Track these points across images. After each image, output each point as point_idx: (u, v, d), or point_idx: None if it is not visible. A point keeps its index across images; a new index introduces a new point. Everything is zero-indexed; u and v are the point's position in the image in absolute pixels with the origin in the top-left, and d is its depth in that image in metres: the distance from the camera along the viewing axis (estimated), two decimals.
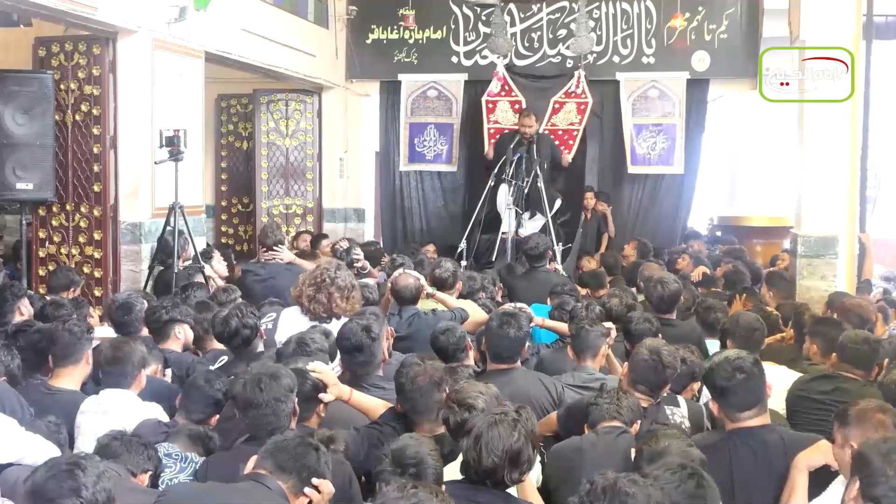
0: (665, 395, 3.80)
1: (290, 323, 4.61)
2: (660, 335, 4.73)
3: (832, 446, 2.94)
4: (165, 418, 3.63)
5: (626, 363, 3.89)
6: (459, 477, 2.75)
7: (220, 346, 4.46)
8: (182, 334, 4.63)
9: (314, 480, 2.58)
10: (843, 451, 2.82)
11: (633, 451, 3.02)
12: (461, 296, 5.65)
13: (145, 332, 4.71)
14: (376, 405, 3.47)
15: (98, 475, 2.25)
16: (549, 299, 5.86)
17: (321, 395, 3.27)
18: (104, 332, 4.69)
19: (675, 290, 5.33)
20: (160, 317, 4.60)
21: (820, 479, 2.94)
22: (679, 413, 3.64)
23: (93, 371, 3.93)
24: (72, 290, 6.00)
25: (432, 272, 5.54)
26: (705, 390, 3.82)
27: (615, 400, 3.33)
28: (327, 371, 3.35)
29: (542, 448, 3.50)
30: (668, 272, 6.40)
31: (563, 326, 4.94)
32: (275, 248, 6.22)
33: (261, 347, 4.27)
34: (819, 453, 2.98)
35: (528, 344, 4.32)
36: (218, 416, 3.52)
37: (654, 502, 2.23)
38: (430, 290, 5.20)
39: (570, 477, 3.12)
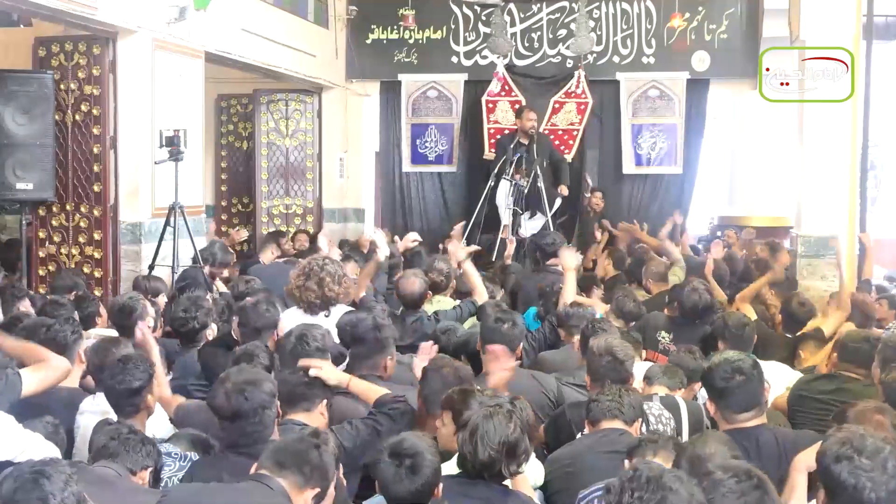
0: (663, 395, 3.80)
1: (291, 323, 4.61)
2: (644, 312, 4.74)
3: None
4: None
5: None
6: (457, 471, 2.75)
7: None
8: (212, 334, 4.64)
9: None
10: None
11: (626, 461, 3.00)
12: (459, 293, 5.68)
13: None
14: (376, 391, 3.47)
15: (65, 481, 2.16)
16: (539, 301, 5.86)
17: (315, 372, 3.24)
18: (106, 332, 4.69)
19: (709, 302, 5.26)
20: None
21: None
22: (655, 407, 3.63)
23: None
24: (74, 293, 5.97)
25: (425, 274, 5.52)
26: (702, 390, 3.82)
27: (616, 397, 3.30)
28: (321, 363, 3.34)
29: (544, 450, 3.51)
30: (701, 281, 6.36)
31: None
32: None
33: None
34: None
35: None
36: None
37: (697, 502, 2.13)
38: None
39: (569, 482, 3.11)
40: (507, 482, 2.77)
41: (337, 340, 4.09)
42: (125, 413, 3.32)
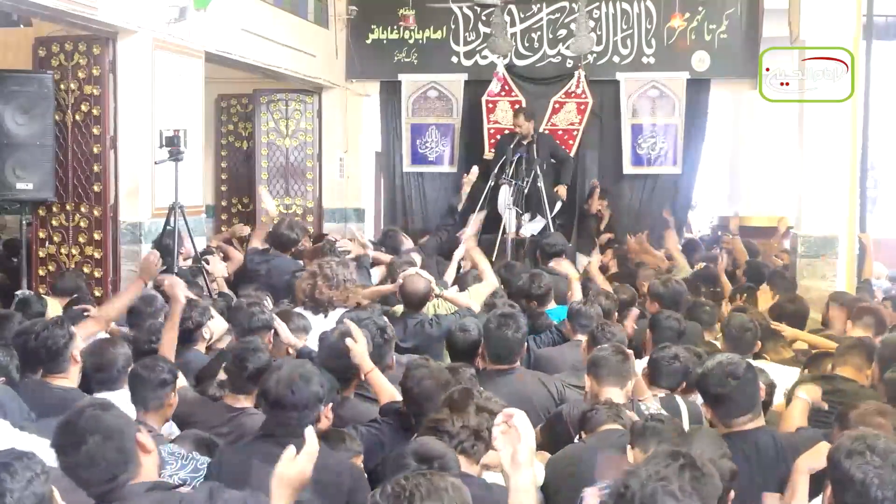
0: (663, 395, 3.80)
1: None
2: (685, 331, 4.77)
3: None
4: None
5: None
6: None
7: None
8: (208, 333, 4.67)
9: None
10: None
11: (628, 448, 3.01)
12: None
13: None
14: (389, 393, 3.51)
15: (29, 479, 2.08)
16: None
17: (350, 343, 3.47)
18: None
19: (682, 288, 5.54)
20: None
21: (820, 480, 2.93)
22: (654, 407, 3.63)
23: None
24: (76, 295, 5.97)
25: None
26: None
27: (613, 405, 3.34)
28: (362, 339, 3.52)
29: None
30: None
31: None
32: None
33: None
34: (820, 456, 2.96)
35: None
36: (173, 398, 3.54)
37: None
38: (437, 290, 5.21)
39: (568, 483, 3.10)
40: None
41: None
42: (149, 407, 3.42)
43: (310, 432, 2.39)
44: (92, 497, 2.33)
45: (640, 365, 4.09)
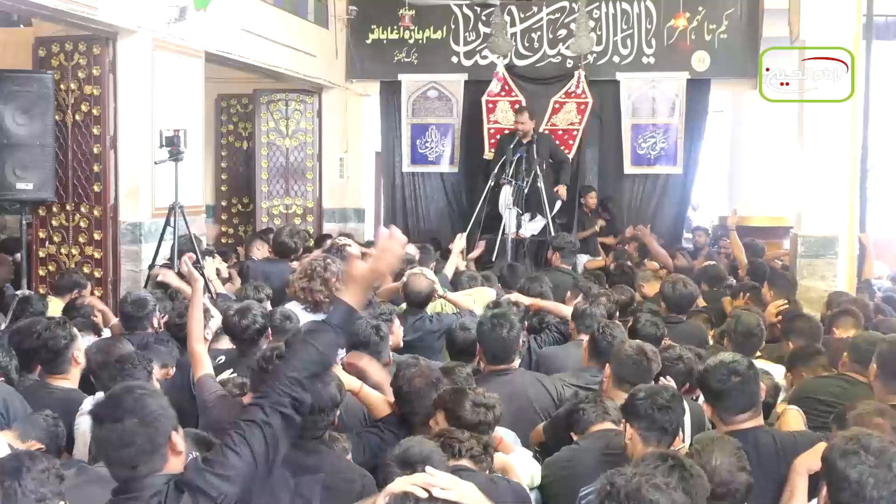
0: None
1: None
2: (666, 335, 4.76)
3: None
4: None
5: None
6: None
7: (220, 347, 4.48)
8: (210, 334, 4.63)
9: None
10: None
11: (624, 424, 3.02)
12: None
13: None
14: (383, 408, 3.45)
15: (40, 480, 2.12)
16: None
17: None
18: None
19: (691, 293, 5.47)
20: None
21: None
22: None
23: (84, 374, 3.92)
24: (76, 291, 5.97)
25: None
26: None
27: (599, 402, 3.33)
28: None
29: (537, 453, 3.51)
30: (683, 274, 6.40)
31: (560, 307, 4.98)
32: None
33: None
34: (818, 456, 2.97)
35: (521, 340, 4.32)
36: None
37: None
38: (441, 291, 5.21)
39: (567, 483, 3.10)
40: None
41: None
42: None
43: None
44: (114, 479, 2.29)
45: None
